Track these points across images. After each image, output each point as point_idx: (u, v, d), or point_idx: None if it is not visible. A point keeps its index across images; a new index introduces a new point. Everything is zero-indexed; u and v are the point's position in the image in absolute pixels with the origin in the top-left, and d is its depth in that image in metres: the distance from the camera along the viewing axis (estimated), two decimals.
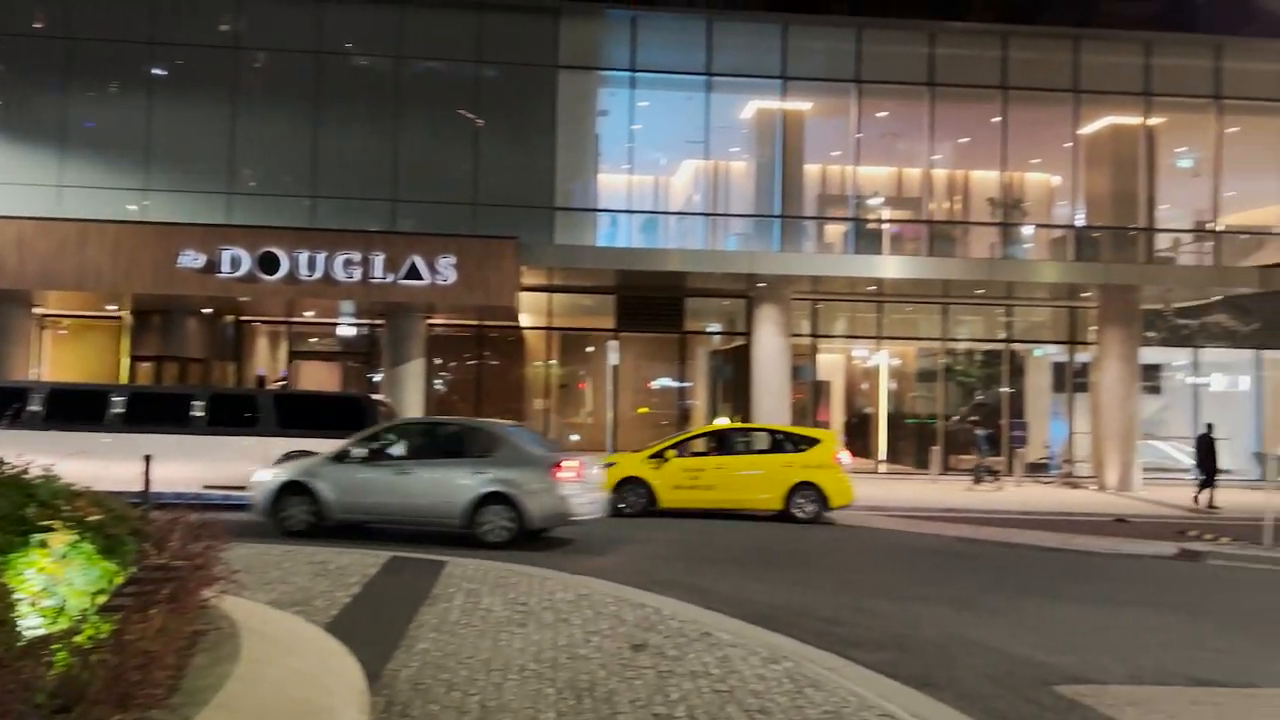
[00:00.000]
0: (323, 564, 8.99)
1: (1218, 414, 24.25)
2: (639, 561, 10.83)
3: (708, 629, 6.87)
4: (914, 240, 22.89)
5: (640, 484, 15.19)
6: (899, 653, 6.83)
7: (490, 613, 7.17)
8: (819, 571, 10.80)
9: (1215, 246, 22.73)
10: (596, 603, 7.61)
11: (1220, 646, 7.40)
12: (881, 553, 12.68)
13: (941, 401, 24.55)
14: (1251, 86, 22.10)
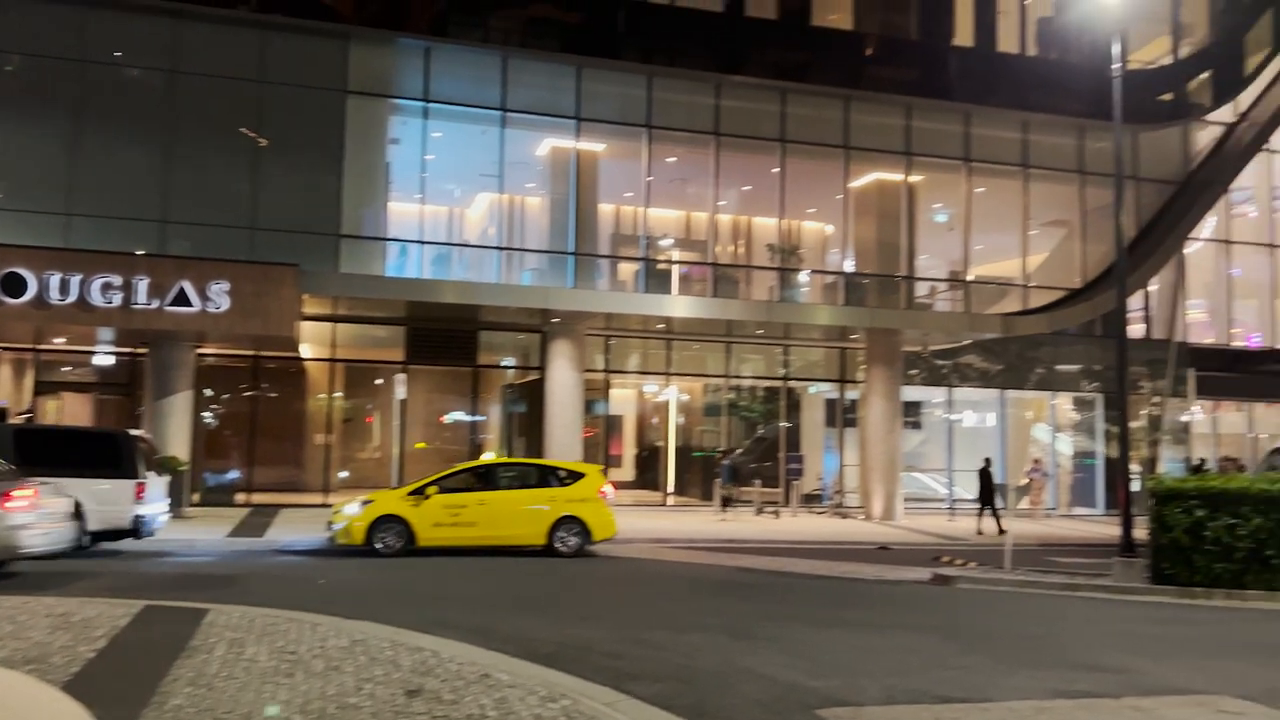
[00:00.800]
0: (64, 616, 8.19)
1: (969, 448, 26.63)
2: (399, 604, 10.56)
3: (487, 670, 6.77)
4: (701, 281, 23.81)
5: (398, 522, 14.78)
6: (677, 684, 6.99)
7: (255, 663, 6.75)
8: (598, 606, 10.91)
9: (966, 295, 25.01)
10: (372, 648, 7.33)
11: (965, 664, 8.04)
12: (662, 585, 12.97)
13: (726, 435, 25.52)
14: (995, 151, 24.61)
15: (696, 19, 22.05)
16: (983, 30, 23.78)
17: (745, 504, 24.01)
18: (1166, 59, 25.75)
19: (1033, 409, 27.95)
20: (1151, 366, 26.60)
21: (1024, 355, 26.12)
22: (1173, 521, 12.70)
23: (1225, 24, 26.15)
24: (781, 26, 22.51)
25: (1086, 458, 27.32)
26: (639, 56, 21.74)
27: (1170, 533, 12.73)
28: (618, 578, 13.65)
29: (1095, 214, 24.89)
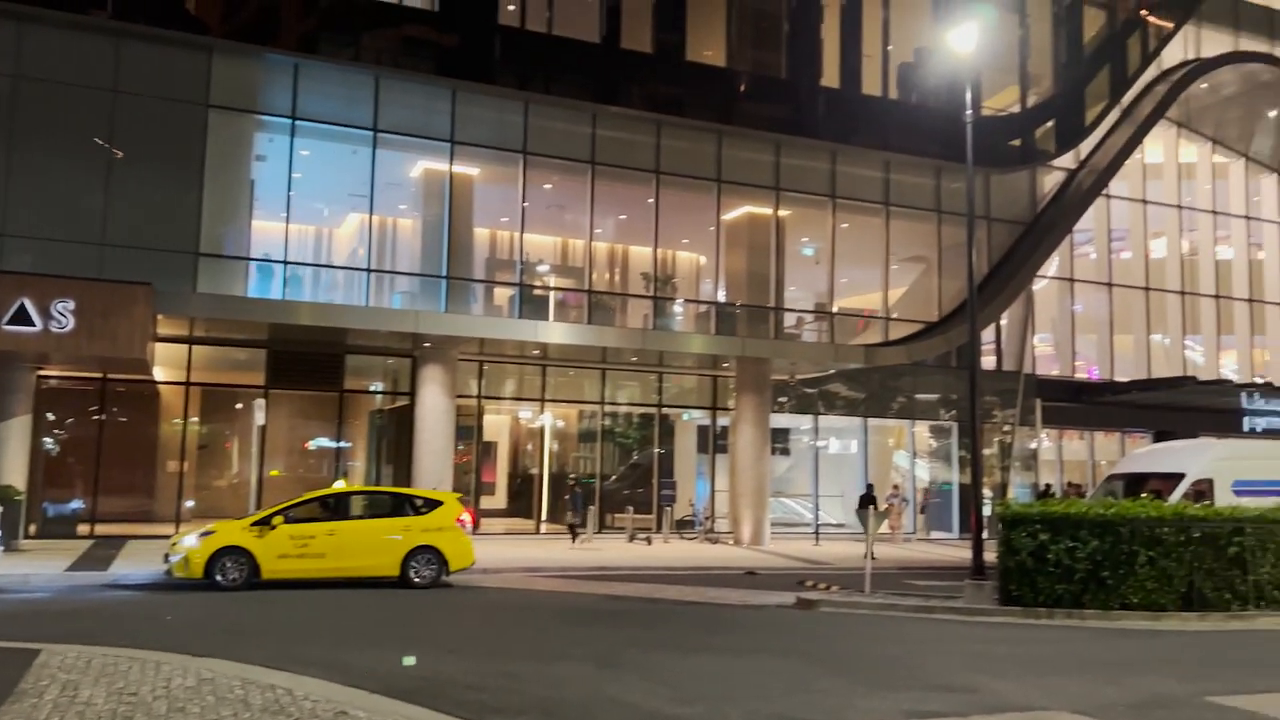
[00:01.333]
0: None
1: (834, 474, 27.50)
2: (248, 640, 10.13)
3: (343, 707, 6.55)
4: (577, 307, 23.86)
5: (241, 554, 14.16)
6: (540, 716, 6.92)
7: (90, 706, 6.34)
8: (460, 638, 10.72)
9: (831, 326, 25.86)
10: (220, 687, 6.99)
11: (825, 688, 8.23)
12: (529, 615, 12.83)
13: (600, 462, 25.54)
14: (859, 189, 25.64)
15: (573, 48, 22.21)
16: (848, 73, 24.79)
17: (618, 530, 24.08)
18: (1016, 107, 27.42)
19: (893, 436, 29.05)
20: (1003, 396, 28.05)
21: (886, 384, 27.15)
22: (1019, 545, 13.36)
23: (1068, 77, 28.04)
24: (656, 60, 22.92)
25: (943, 483, 28.53)
26: (515, 82, 21.73)
27: (1017, 555, 13.38)
28: (481, 608, 13.44)
29: (951, 251, 26.16)
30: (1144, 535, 13.03)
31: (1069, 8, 27.83)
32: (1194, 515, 13.48)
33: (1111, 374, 29.85)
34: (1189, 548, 13.08)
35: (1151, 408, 29.14)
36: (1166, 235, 31.39)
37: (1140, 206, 30.71)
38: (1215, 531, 13.25)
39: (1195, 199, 31.77)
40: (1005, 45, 26.77)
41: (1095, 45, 28.31)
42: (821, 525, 26.00)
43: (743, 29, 24.44)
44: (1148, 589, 12.93)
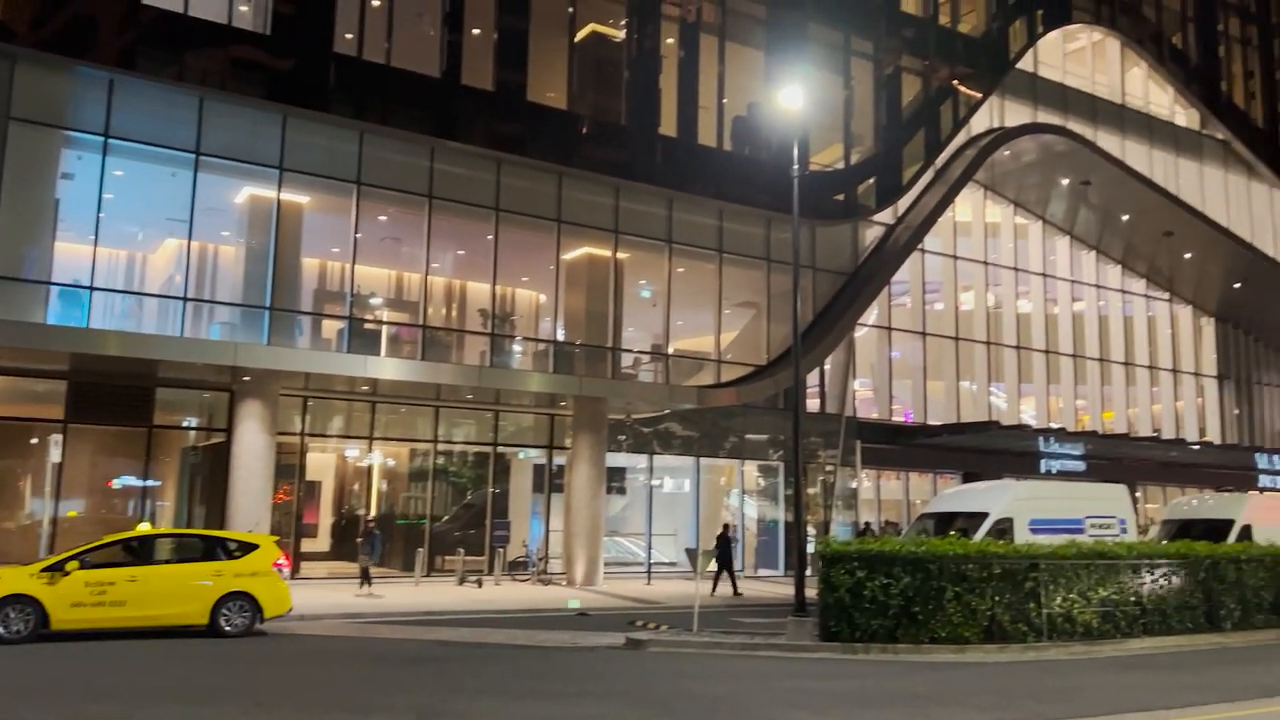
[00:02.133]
0: None
1: (668, 512, 27.84)
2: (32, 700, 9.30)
3: None
4: (410, 343, 23.33)
5: (28, 602, 13.01)
6: None
7: None
8: (273, 691, 10.16)
9: (666, 367, 26.34)
10: None
11: None
12: (348, 663, 12.31)
13: (432, 502, 24.92)
14: (693, 235, 26.36)
15: (412, 81, 21.93)
16: (685, 123, 25.56)
17: (448, 573, 23.52)
18: (840, 164, 28.97)
19: (725, 475, 29.75)
20: (826, 438, 29.23)
21: (718, 425, 27.83)
22: (838, 582, 13.90)
23: (887, 138, 29.90)
24: (498, 98, 22.92)
25: (770, 522, 29.39)
26: (351, 111, 21.23)
27: (836, 592, 13.91)
28: (297, 657, 12.80)
29: (780, 298, 27.21)
30: (951, 572, 13.82)
31: (889, 75, 29.74)
32: (995, 552, 14.41)
33: (925, 418, 31.66)
34: (991, 583, 13.96)
35: (960, 450, 31.05)
36: (974, 289, 33.72)
37: (951, 261, 32.90)
38: (1014, 567, 14.20)
39: (999, 256, 34.33)
40: (831, 106, 28.34)
41: (912, 110, 30.32)
42: (654, 564, 26.23)
43: (584, 74, 24.83)
44: (954, 623, 13.69)
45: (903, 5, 30.31)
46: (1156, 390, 38.50)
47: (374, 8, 21.95)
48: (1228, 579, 16.32)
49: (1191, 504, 23.70)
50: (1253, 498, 23.38)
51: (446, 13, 22.56)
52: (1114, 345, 37.32)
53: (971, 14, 32.28)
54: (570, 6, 24.35)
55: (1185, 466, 37.18)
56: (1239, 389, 40.96)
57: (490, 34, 23.14)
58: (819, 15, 28.10)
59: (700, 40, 25.96)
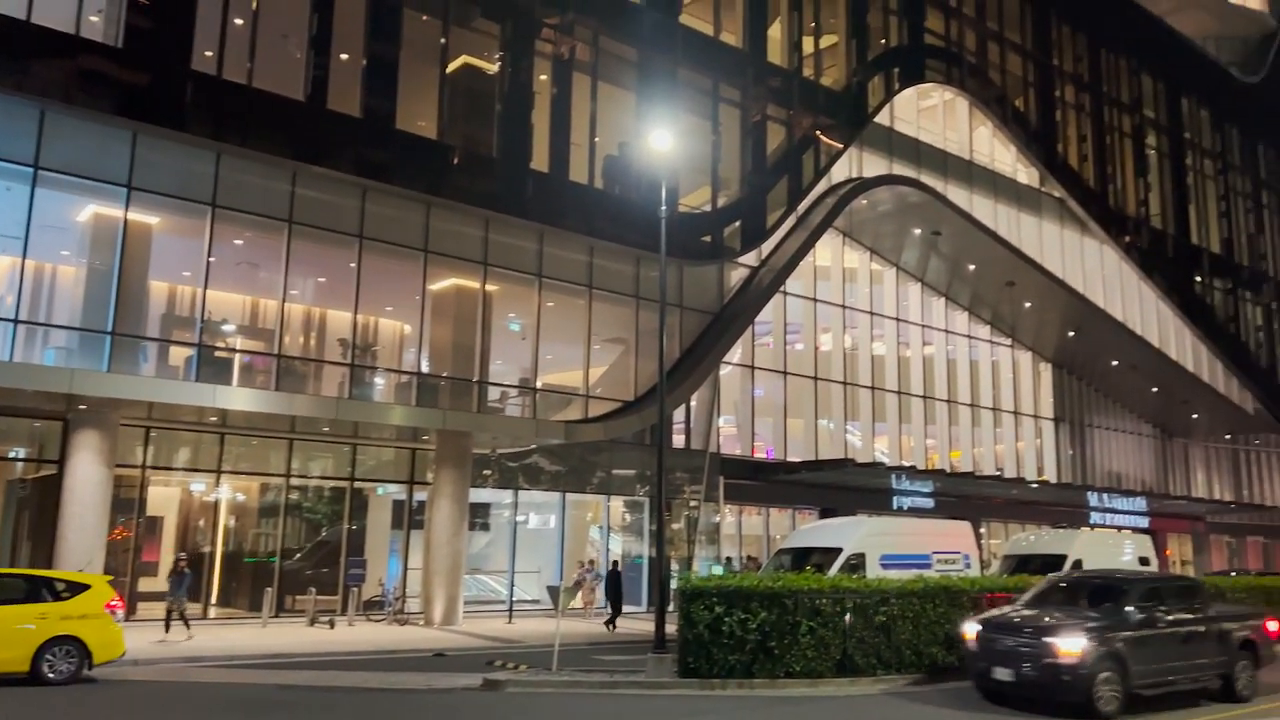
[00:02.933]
0: None
1: (532, 549, 27.53)
2: None
3: None
4: (265, 372, 22.43)
5: None
6: None
7: None
8: None
9: (534, 401, 26.18)
10: None
11: None
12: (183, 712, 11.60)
13: (284, 539, 23.88)
14: (563, 270, 26.42)
15: (275, 103, 21.25)
16: (557, 158, 25.66)
17: (299, 613, 22.55)
18: (708, 206, 29.64)
19: (591, 511, 29.68)
20: (691, 473, 29.59)
21: (585, 460, 27.78)
22: (697, 618, 14.01)
23: (753, 183, 30.80)
24: (366, 125, 22.46)
25: (635, 557, 29.44)
26: (208, 131, 20.38)
27: (695, 628, 14.01)
28: (124, 707, 11.98)
29: (648, 335, 27.51)
30: (806, 606, 14.14)
31: (755, 122, 30.71)
32: (848, 587, 14.83)
33: (785, 454, 32.47)
34: (843, 618, 14.34)
35: (818, 486, 31.95)
36: (832, 331, 34.96)
37: (811, 304, 34.03)
38: (865, 602, 14.64)
39: (856, 300, 35.73)
40: (700, 149, 29.02)
41: (776, 157, 31.37)
42: (517, 602, 25.85)
43: (456, 105, 24.65)
44: (808, 657, 13.98)
45: (769, 56, 31.41)
46: (999, 431, 40.68)
47: (236, 26, 21.26)
48: None
49: (1030, 539, 25.06)
50: (1083, 534, 24.91)
51: (313, 36, 22.05)
52: (961, 387, 39.29)
53: (833, 68, 33.75)
54: (442, 38, 24.19)
55: (1025, 504, 39.33)
56: (1073, 431, 43.72)
57: (359, 60, 22.73)
58: (688, 61, 28.83)
59: (573, 78, 26.20)
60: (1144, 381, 43.97)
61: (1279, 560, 53.52)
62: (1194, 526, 47.99)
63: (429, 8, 24.01)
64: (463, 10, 24.87)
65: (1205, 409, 46.24)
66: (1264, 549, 53.38)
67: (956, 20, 37.94)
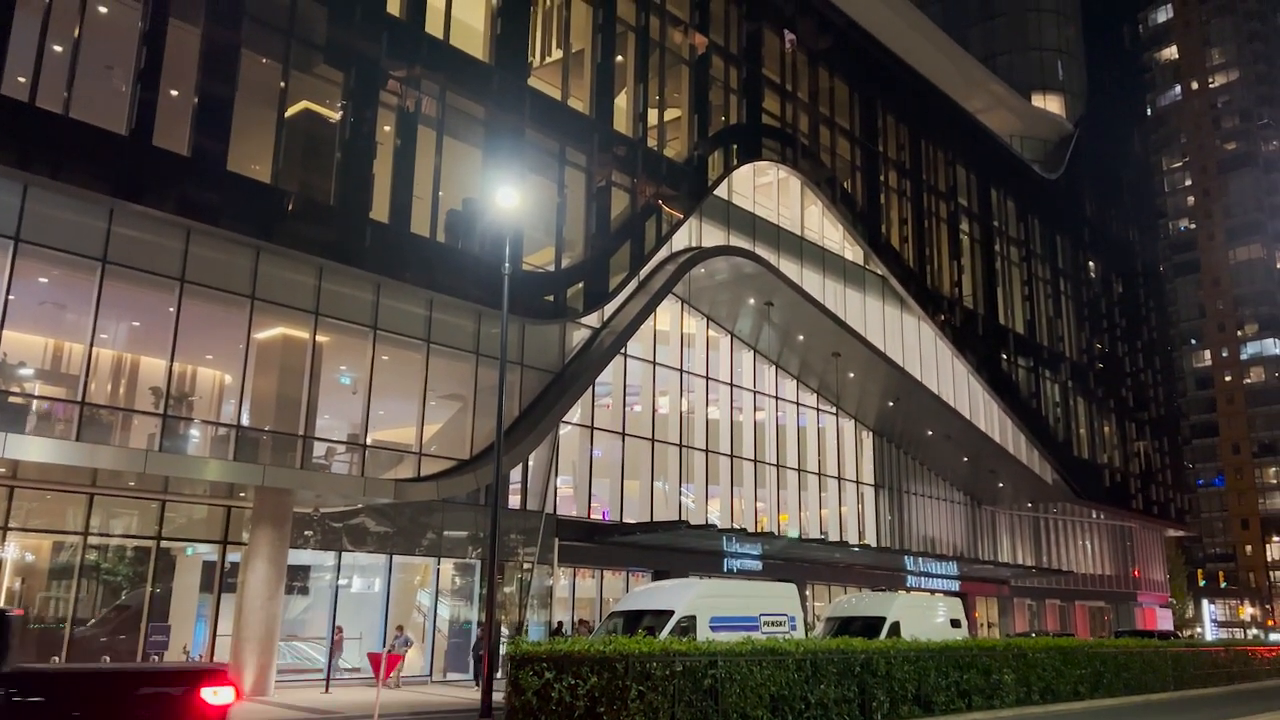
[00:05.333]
0: None
1: (355, 614, 26.29)
2: None
3: None
4: (65, 421, 20.69)
5: None
6: None
7: None
8: None
9: (363, 458, 25.22)
10: None
11: None
12: None
13: (76, 603, 21.87)
14: (400, 323, 25.81)
15: (94, 135, 19.93)
16: (398, 210, 25.15)
17: None
18: (552, 266, 29.76)
19: (419, 574, 28.68)
20: (526, 535, 29.14)
21: (416, 520, 26.91)
22: (526, 684, 13.68)
23: (596, 246, 31.18)
24: (194, 164, 21.36)
25: (464, 622, 28.58)
26: (15, 160, 18.87)
27: (524, 695, 13.68)
28: None
29: (486, 392, 27.13)
30: (637, 670, 14.03)
31: (600, 187, 31.25)
32: (678, 650, 14.86)
33: (621, 516, 32.53)
34: (673, 681, 14.32)
35: (652, 548, 32.12)
36: (670, 394, 35.57)
37: (651, 367, 34.57)
38: (694, 665, 14.69)
39: (693, 365, 36.56)
40: (545, 209, 29.21)
41: (619, 222, 31.95)
42: (337, 671, 24.52)
43: (293, 150, 23.88)
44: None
45: (615, 124, 32.15)
46: (824, 495, 42.23)
47: (55, 53, 19.97)
48: (879, 673, 17.85)
49: (851, 602, 25.95)
50: (900, 597, 26.00)
51: (141, 69, 20.93)
52: (789, 453, 40.65)
53: (676, 140, 34.87)
54: (282, 81, 23.50)
55: (848, 567, 40.81)
56: (892, 497, 45.91)
57: (190, 97, 21.71)
58: (536, 123, 29.12)
59: (418, 131, 25.93)
60: (956, 451, 46.81)
61: (1073, 621, 57.55)
62: (999, 590, 51.03)
63: (268, 50, 23.32)
64: (304, 56, 24.28)
65: (1010, 478, 49.59)
66: (1060, 611, 57.32)
67: (792, 104, 40.08)
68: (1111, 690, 24.40)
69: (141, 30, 20.92)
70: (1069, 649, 23.53)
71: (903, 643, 19.42)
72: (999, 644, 21.56)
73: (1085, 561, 59.61)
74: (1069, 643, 23.95)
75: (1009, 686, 20.95)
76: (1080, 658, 23.68)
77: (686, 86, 35.40)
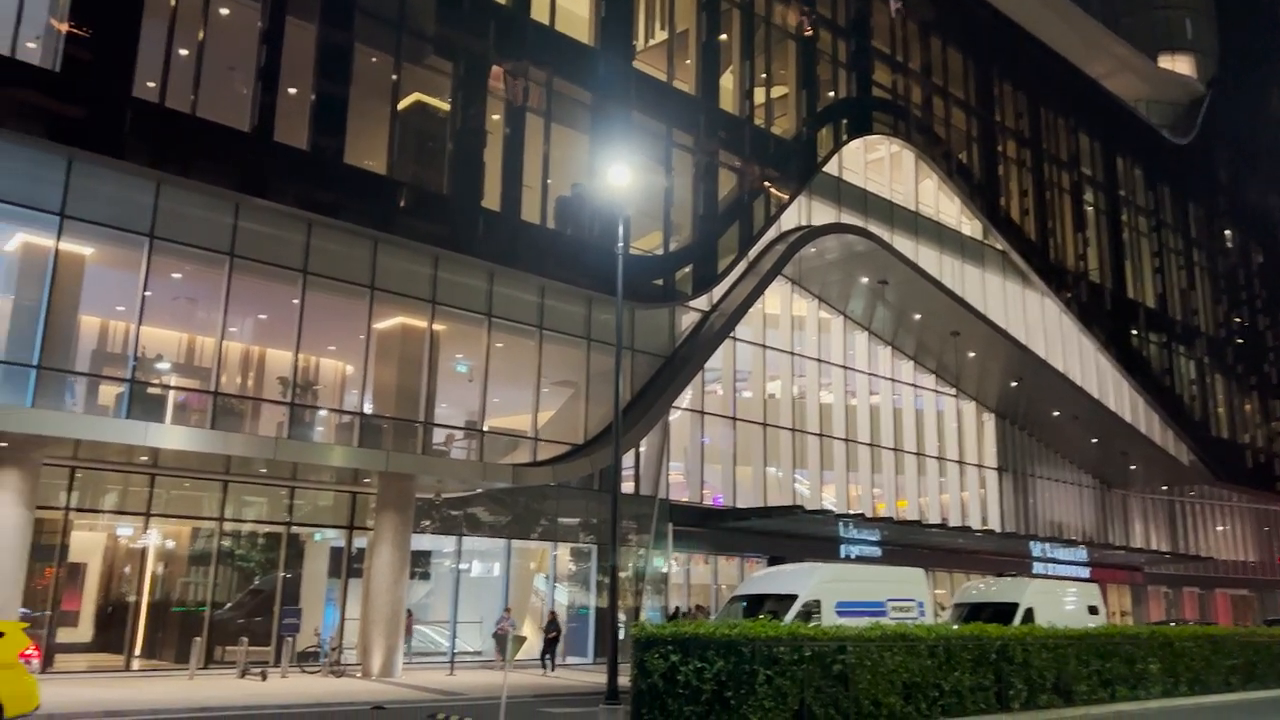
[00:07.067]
0: None
1: (474, 598, 26.69)
2: None
3: None
4: (200, 411, 21.54)
5: None
6: None
7: None
8: None
9: (480, 445, 25.53)
10: None
11: None
12: None
13: (214, 587, 22.79)
14: (514, 311, 25.99)
15: (219, 133, 20.64)
16: (509, 198, 25.32)
17: (230, 665, 21.45)
18: (660, 250, 29.54)
19: (535, 559, 28.93)
20: (639, 520, 29.07)
21: (529, 507, 27.13)
22: (652, 667, 13.48)
23: (704, 228, 30.82)
24: (313, 159, 21.92)
25: (580, 608, 28.70)
26: (147, 160, 19.67)
27: (650, 678, 13.48)
28: None
29: (597, 378, 27.14)
30: (764, 654, 13.68)
31: (707, 168, 30.84)
32: (805, 634, 14.45)
33: (734, 502, 32.15)
34: (801, 666, 13.92)
35: (767, 534, 31.64)
36: (781, 378, 34.94)
37: (761, 350, 34.02)
38: (823, 650, 14.25)
39: (804, 347, 35.83)
40: (652, 193, 29.00)
41: (727, 203, 31.49)
42: (458, 653, 24.95)
43: (406, 142, 24.28)
44: (765, 708, 13.49)
45: (721, 104, 31.66)
46: (944, 480, 40.91)
47: (181, 56, 20.71)
48: (1016, 660, 17.07)
49: (980, 588, 24.98)
50: (1034, 582, 24.90)
51: (261, 68, 21.55)
52: (907, 436, 39.48)
53: (784, 117, 34.15)
54: (394, 75, 23.87)
55: (968, 553, 39.45)
56: (1016, 481, 44.17)
57: (308, 94, 22.26)
58: (642, 106, 28.89)
59: (526, 119, 26.02)
60: (1084, 432, 44.71)
61: (1214, 610, 54.47)
62: (1132, 577, 48.63)
63: (380, 44, 23.71)
64: (415, 48, 24.63)
65: (1143, 460, 47.14)
66: (1199, 599, 54.30)
67: (903, 75, 38.80)
68: (1265, 682, 22.86)
69: (261, 29, 21.53)
70: (1219, 637, 22.14)
71: (1039, 629, 18.55)
72: (1143, 631, 20.44)
73: (1226, 547, 56.28)
74: (1219, 631, 22.58)
75: (1154, 676, 19.82)
76: (1231, 647, 22.26)
77: (793, 62, 34.63)
